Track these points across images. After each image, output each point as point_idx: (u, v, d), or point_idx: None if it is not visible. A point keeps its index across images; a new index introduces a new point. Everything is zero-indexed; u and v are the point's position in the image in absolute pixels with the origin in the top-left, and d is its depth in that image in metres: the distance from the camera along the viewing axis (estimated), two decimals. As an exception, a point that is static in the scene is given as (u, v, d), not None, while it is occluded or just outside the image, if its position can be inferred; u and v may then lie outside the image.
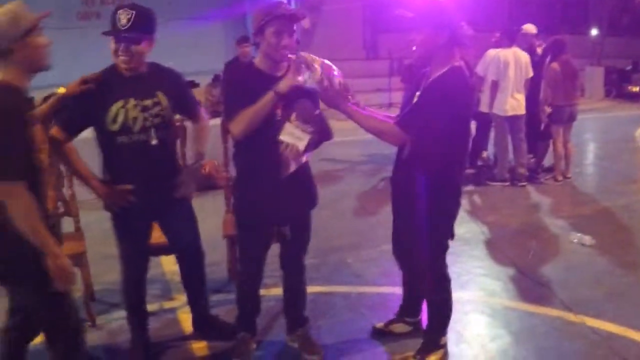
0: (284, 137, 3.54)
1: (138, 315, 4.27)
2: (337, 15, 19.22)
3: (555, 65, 8.72)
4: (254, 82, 3.65)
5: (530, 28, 9.91)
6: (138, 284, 4.20)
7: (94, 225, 5.41)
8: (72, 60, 11.46)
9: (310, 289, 4.47)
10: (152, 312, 4.82)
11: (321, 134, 3.67)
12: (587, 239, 6.29)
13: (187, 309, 4.87)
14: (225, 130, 4.84)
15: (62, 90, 3.71)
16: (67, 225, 4.90)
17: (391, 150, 3.96)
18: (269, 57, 3.67)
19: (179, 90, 4.03)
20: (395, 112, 4.18)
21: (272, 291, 4.85)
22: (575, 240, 6.32)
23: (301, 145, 3.53)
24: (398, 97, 18.53)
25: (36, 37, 3.02)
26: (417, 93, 3.73)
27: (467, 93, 3.77)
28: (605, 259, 5.93)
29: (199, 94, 10.67)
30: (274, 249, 4.14)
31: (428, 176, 3.71)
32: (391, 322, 4.51)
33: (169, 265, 5.65)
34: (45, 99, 3.77)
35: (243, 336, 4.22)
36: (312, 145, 3.60)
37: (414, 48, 3.66)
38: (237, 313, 4.29)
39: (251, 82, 3.66)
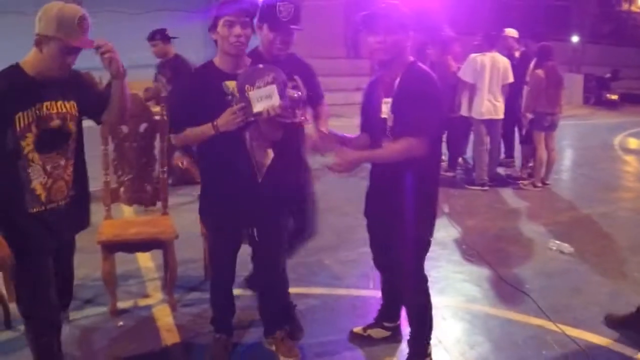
0: (256, 108, 3.47)
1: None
2: (319, 12, 19.17)
3: (540, 71, 8.70)
4: (212, 81, 3.60)
5: (511, 32, 9.95)
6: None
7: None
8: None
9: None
10: (127, 309, 4.74)
11: (278, 73, 3.56)
12: (566, 247, 6.27)
13: (163, 306, 4.82)
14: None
15: None
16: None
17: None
18: (225, 53, 3.61)
19: (310, 78, 4.17)
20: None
21: (249, 291, 4.77)
22: (554, 248, 6.30)
23: (275, 99, 3.46)
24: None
25: (61, 47, 3.11)
26: (387, 99, 3.69)
27: (435, 81, 3.70)
28: (584, 267, 5.91)
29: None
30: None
31: (417, 172, 3.67)
32: (370, 326, 4.44)
33: (145, 261, 5.57)
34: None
35: (219, 337, 4.14)
36: (283, 90, 3.52)
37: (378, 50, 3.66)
38: (211, 314, 4.22)
39: (208, 81, 3.61)
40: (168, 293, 4.83)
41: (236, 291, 4.34)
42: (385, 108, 3.70)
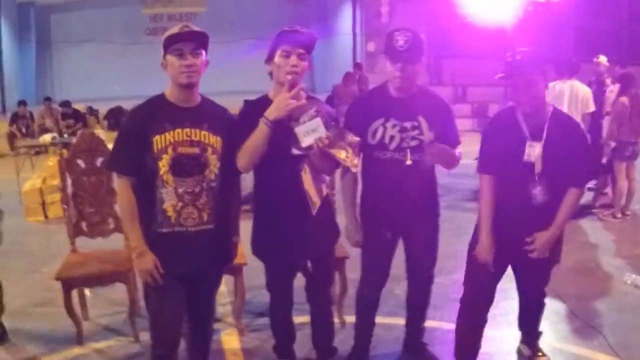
0: (305, 142, 3.52)
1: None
2: (402, 38, 19.22)
3: (624, 99, 8.47)
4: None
5: (603, 59, 9.81)
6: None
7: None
8: (140, 74, 11.62)
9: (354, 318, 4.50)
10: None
11: (321, 106, 3.72)
12: (642, 281, 6.12)
13: (231, 330, 4.94)
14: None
15: None
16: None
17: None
18: (280, 83, 3.63)
19: (442, 119, 4.03)
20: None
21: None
22: (629, 282, 6.15)
23: (321, 131, 3.50)
24: (460, 124, 18.42)
25: (171, 57, 3.35)
26: (533, 143, 3.76)
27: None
28: (659, 302, 5.75)
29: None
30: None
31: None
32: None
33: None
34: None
35: (281, 363, 4.24)
36: (328, 122, 3.58)
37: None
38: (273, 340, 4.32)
39: (263, 112, 3.57)
40: (236, 318, 4.96)
41: (300, 319, 4.43)
42: (532, 151, 3.76)
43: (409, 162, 3.88)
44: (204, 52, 3.41)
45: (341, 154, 3.56)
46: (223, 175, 3.54)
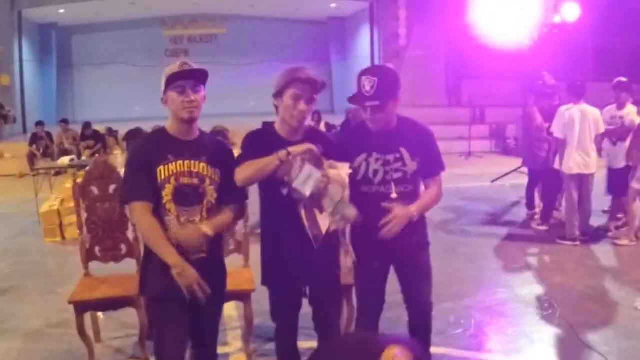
0: (307, 192, 3.55)
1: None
2: (420, 61, 19.36)
3: None
4: (271, 144, 3.67)
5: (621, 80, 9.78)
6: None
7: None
8: (160, 96, 11.75)
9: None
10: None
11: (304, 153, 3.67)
12: (652, 306, 6.11)
13: (240, 355, 5.00)
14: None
15: None
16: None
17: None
18: (285, 122, 3.74)
19: (425, 148, 4.07)
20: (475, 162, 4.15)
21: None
22: (639, 307, 6.15)
23: (315, 174, 3.55)
24: (478, 145, 18.45)
25: (172, 93, 3.53)
26: None
27: None
28: (670, 329, 5.73)
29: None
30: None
31: None
32: None
33: (229, 310, 5.76)
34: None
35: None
36: (317, 162, 3.61)
37: None
38: None
39: (268, 143, 3.68)
40: (245, 342, 5.02)
41: (307, 344, 4.48)
42: None
43: (394, 195, 3.93)
44: (203, 88, 3.60)
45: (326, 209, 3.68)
46: (220, 205, 3.67)
